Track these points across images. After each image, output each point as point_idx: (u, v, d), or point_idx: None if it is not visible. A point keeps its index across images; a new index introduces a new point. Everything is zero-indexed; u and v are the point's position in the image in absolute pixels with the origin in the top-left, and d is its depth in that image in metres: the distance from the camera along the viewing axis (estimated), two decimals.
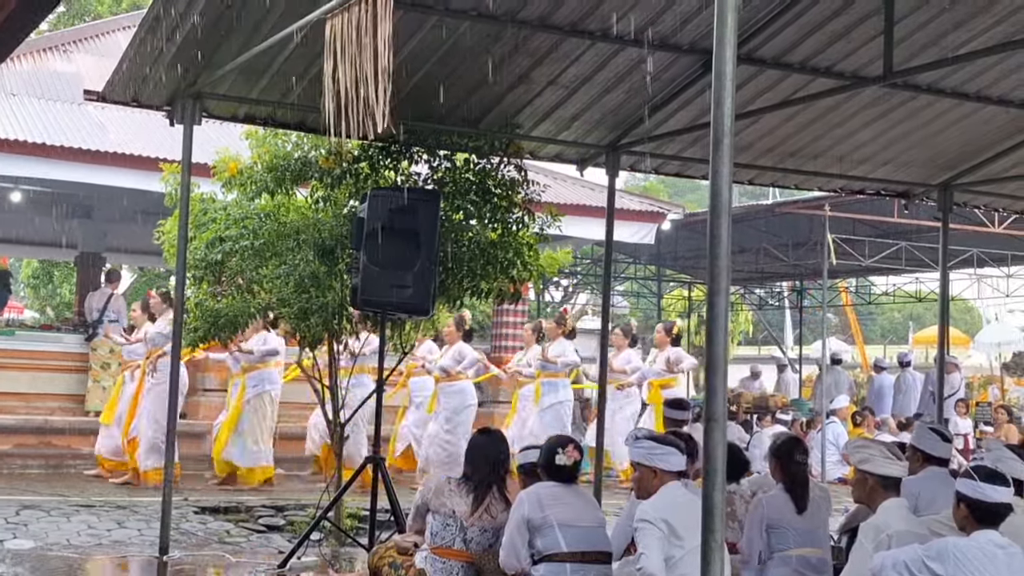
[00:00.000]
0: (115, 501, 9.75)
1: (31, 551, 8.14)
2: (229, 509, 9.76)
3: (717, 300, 3.81)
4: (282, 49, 7.38)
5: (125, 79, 8.07)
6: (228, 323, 8.67)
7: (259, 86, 8.18)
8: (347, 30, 5.75)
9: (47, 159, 13.10)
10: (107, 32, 18.10)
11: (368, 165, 8.54)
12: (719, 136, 3.78)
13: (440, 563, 6.02)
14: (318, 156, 8.63)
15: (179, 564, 7.95)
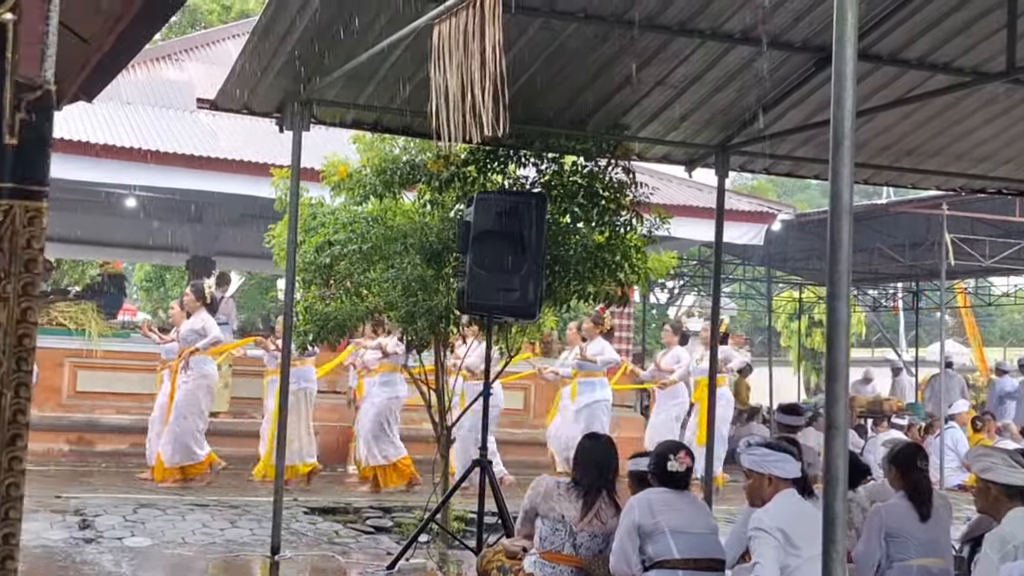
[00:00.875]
0: (228, 501, 9.91)
1: (148, 548, 8.31)
2: (337, 510, 9.84)
3: (838, 305, 3.71)
4: (389, 55, 7.43)
5: (236, 87, 8.20)
6: (337, 326, 8.75)
7: (366, 91, 8.25)
8: (454, 34, 5.74)
9: (161, 166, 13.40)
10: (217, 41, 18.46)
11: (475, 168, 8.54)
12: (839, 137, 3.68)
13: (549, 568, 5.97)
14: (426, 160, 8.66)
15: (291, 564, 8.03)
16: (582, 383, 12.18)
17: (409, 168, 8.69)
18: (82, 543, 8.26)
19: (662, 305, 26.38)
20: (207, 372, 11.33)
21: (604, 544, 5.89)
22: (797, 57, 7.87)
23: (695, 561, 5.52)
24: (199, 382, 11.22)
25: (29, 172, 2.49)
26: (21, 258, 2.50)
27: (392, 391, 11.48)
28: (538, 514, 6.10)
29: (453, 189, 8.60)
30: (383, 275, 8.53)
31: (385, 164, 8.74)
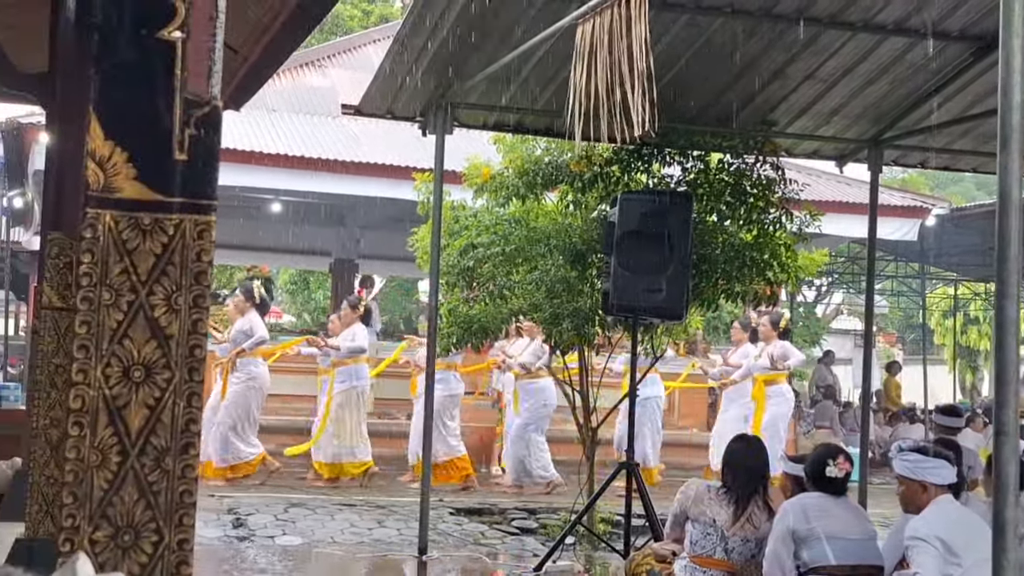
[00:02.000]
0: (375, 501, 10.05)
1: (299, 547, 8.47)
2: (483, 511, 9.89)
3: (1006, 304, 3.57)
4: (530, 56, 7.42)
5: (380, 92, 8.31)
6: (481, 328, 8.77)
7: (508, 93, 8.25)
8: (599, 33, 5.69)
9: (305, 171, 13.69)
10: (359, 46, 18.76)
11: (619, 168, 8.47)
12: (1007, 131, 3.53)
13: (700, 572, 5.89)
14: (568, 160, 8.62)
15: (438, 564, 8.10)
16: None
17: (551, 169, 8.66)
18: (236, 541, 8.48)
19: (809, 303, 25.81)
20: (255, 373, 11.34)
21: (757, 549, 5.77)
22: (954, 47, 7.58)
23: (852, 568, 5.37)
24: (248, 383, 11.26)
25: (198, 187, 2.53)
26: (191, 271, 2.54)
27: (447, 388, 11.34)
28: (688, 518, 6.01)
29: (596, 189, 8.54)
30: (527, 277, 8.53)
31: (527, 165, 8.73)
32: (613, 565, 7.97)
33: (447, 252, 8.87)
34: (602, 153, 8.38)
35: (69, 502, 2.45)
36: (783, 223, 8.48)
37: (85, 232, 2.46)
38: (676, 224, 7.59)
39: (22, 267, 20.60)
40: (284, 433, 12.54)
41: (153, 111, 2.48)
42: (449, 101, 8.15)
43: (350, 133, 14.86)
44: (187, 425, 2.49)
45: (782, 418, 12.02)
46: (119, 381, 2.46)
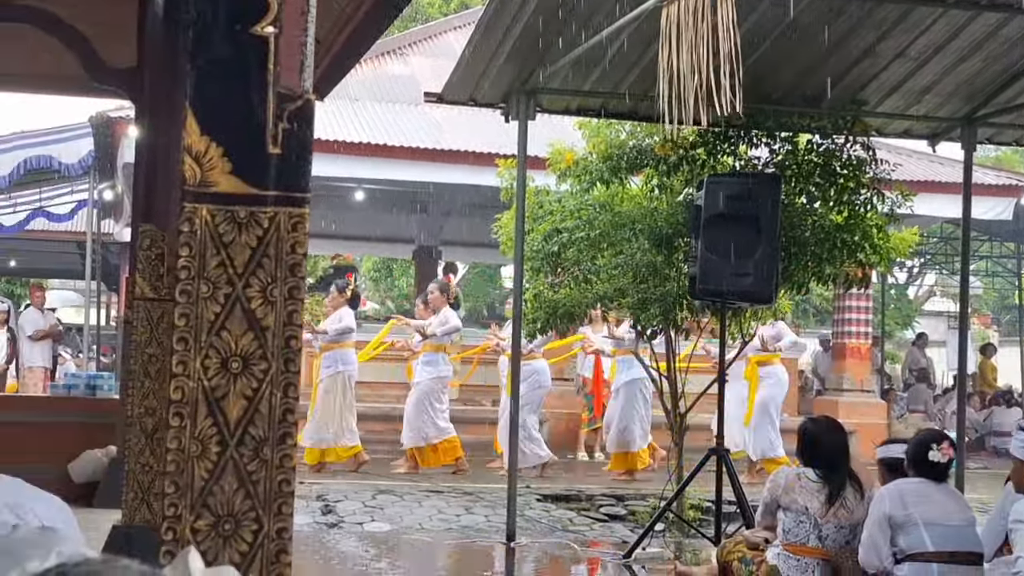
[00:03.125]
0: (462, 488, 10.09)
1: (388, 534, 8.54)
2: (570, 498, 9.87)
3: None
4: (614, 40, 7.36)
5: (462, 79, 8.31)
6: (566, 314, 8.76)
7: (591, 78, 8.21)
8: (684, 15, 5.62)
9: (388, 159, 13.77)
10: (439, 33, 18.81)
11: (704, 151, 8.37)
12: None
13: (794, 560, 5.81)
14: (653, 144, 8.55)
15: (527, 550, 8.11)
16: (621, 361, 11.68)
17: (636, 153, 8.60)
18: (326, 528, 8.58)
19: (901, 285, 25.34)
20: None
21: (851, 535, 5.69)
22: None
23: (951, 554, 5.26)
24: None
25: (292, 180, 2.55)
26: (286, 263, 2.56)
27: (435, 371, 11.28)
28: (780, 506, 5.94)
29: (681, 173, 8.46)
30: (612, 262, 8.49)
31: (611, 150, 8.68)
32: (704, 552, 7.90)
33: (531, 238, 8.85)
34: (687, 136, 8.30)
35: (171, 491, 2.48)
36: (874, 204, 8.32)
37: (183, 226, 2.48)
38: (764, 206, 7.48)
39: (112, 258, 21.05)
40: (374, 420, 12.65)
41: (247, 106, 2.50)
42: (532, 87, 8.13)
43: (432, 120, 14.91)
44: (284, 415, 2.52)
45: (773, 400, 11.83)
46: (217, 372, 2.49)
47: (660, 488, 8.60)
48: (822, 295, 13.04)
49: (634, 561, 7.73)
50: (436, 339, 11.40)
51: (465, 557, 8.11)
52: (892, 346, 23.71)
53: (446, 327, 11.39)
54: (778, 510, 5.96)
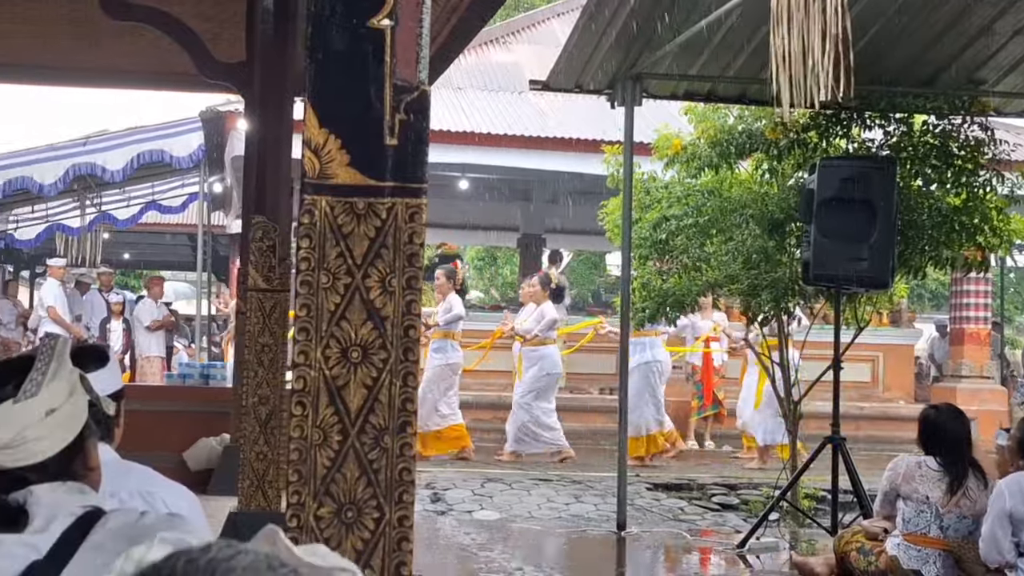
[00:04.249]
0: (571, 476, 10.08)
1: (496, 522, 8.57)
2: (681, 486, 9.80)
3: None
4: (723, 22, 7.27)
5: (567, 66, 8.29)
6: (675, 302, 8.68)
7: (699, 62, 8.13)
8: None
9: (492, 148, 13.82)
10: (542, 21, 18.79)
11: (816, 134, 8.23)
12: None
13: (915, 551, 5.71)
14: (762, 127, 8.42)
15: (638, 540, 8.07)
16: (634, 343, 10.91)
17: (745, 137, 8.47)
18: (435, 516, 8.65)
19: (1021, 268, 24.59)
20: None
21: (974, 525, 5.58)
22: None
23: None
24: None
25: (409, 170, 2.56)
26: (404, 253, 2.57)
27: (444, 358, 11.17)
28: (899, 495, 5.83)
29: (792, 156, 8.32)
30: (722, 248, 8.40)
31: (719, 135, 8.57)
32: (820, 542, 7.77)
33: (638, 225, 8.79)
34: (798, 119, 8.15)
35: (294, 479, 2.51)
36: (993, 185, 8.09)
37: (303, 218, 2.51)
38: (879, 190, 7.33)
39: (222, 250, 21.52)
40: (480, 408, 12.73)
41: (365, 98, 2.52)
42: (638, 72, 8.07)
43: (536, 108, 14.92)
44: (403, 404, 2.54)
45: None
46: (338, 362, 2.51)
47: (773, 477, 8.48)
48: (938, 279, 12.71)
49: (748, 551, 7.64)
50: (443, 327, 11.30)
51: (575, 546, 8.11)
52: (1012, 331, 23.05)
53: (449, 315, 11.33)
54: (897, 499, 5.86)
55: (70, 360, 1.98)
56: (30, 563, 1.78)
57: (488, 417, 12.60)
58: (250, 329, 6.09)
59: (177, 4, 7.63)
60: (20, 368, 1.92)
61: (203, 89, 9.91)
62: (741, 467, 11.00)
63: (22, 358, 2.00)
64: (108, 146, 13.75)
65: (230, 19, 8.11)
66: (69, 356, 1.98)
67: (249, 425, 6.02)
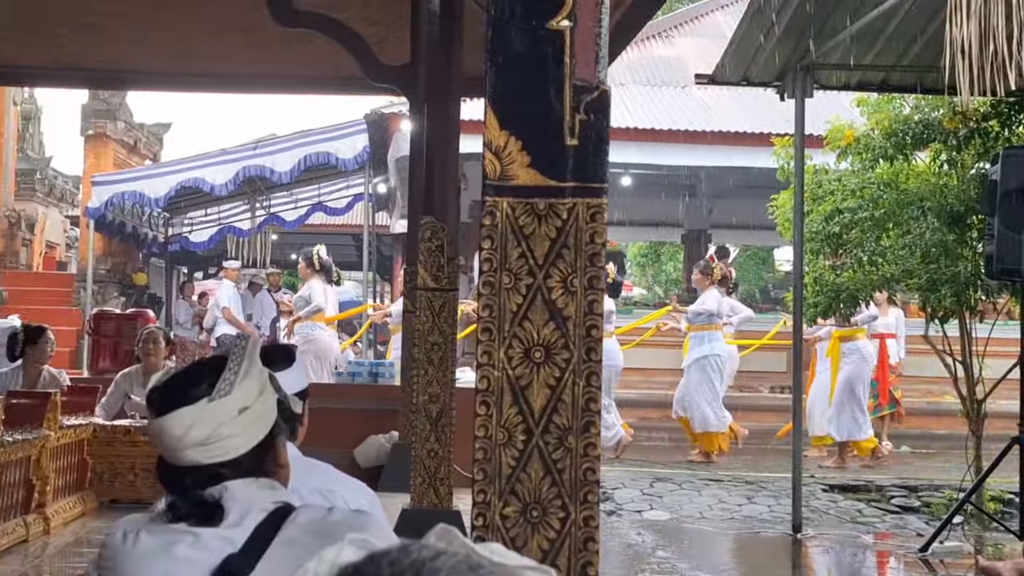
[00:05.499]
0: (743, 476, 9.92)
1: (667, 522, 8.49)
2: (859, 488, 9.53)
3: None
4: (897, 11, 7.05)
5: (734, 59, 8.17)
6: (849, 297, 8.46)
7: (872, 51, 7.91)
8: None
9: (655, 143, 13.72)
10: (705, 13, 18.58)
11: (998, 123, 7.91)
12: None
13: None
14: (940, 117, 8.13)
15: (815, 542, 7.88)
16: (694, 337, 11.28)
17: (922, 127, 8.20)
18: (604, 515, 8.62)
19: None
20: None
21: None
22: None
23: None
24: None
25: (590, 170, 2.56)
26: (585, 253, 2.57)
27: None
28: None
29: (972, 146, 8.02)
30: (898, 242, 8.15)
31: (895, 125, 8.32)
32: (1008, 547, 7.43)
33: (810, 219, 8.60)
34: (978, 108, 7.84)
35: (479, 478, 2.54)
36: None
37: (485, 219, 2.54)
38: None
39: (386, 249, 21.97)
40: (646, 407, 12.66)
41: (544, 99, 2.53)
42: (808, 63, 7.89)
43: (700, 102, 14.75)
44: (587, 404, 2.53)
45: (858, 378, 10.93)
46: (521, 362, 2.52)
47: (957, 479, 8.17)
48: None
49: (931, 555, 7.37)
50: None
51: (749, 548, 7.97)
52: None
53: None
54: None
55: (260, 360, 2.05)
56: (226, 556, 1.86)
57: (657, 416, 12.54)
58: (419, 328, 6.18)
59: (343, 10, 7.82)
60: (213, 368, 1.99)
61: (369, 92, 10.12)
62: (818, 466, 10.72)
63: (215, 358, 2.08)
64: (276, 149, 14.21)
65: (395, 22, 8.26)
66: (259, 356, 2.05)
67: (420, 423, 6.11)
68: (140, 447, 6.71)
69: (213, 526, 1.89)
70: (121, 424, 7.02)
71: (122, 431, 6.92)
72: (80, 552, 5.68)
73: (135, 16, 8.21)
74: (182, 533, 1.90)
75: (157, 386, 2.00)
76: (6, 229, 17.99)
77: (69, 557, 5.68)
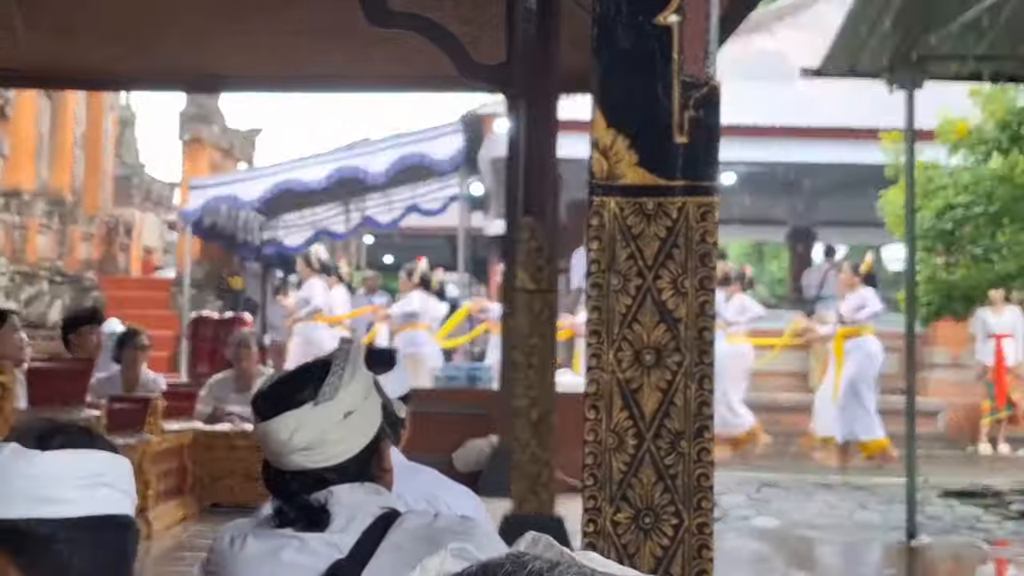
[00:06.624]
0: (853, 482, 9.69)
1: (776, 529, 8.32)
2: (975, 493, 9.23)
3: None
4: None
5: (841, 51, 8.03)
6: (963, 296, 8.23)
7: (985, 41, 7.65)
8: None
9: (758, 139, 13.51)
10: (808, 5, 18.18)
11: None
12: None
13: None
14: None
15: (930, 550, 7.65)
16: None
17: None
18: None
19: None
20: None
21: None
22: None
23: None
24: None
25: (700, 168, 2.52)
26: (696, 253, 2.52)
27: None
28: None
29: None
30: (1016, 238, 7.90)
31: (1010, 117, 8.09)
32: None
33: (921, 215, 8.39)
34: None
35: (590, 483, 2.49)
36: None
37: (591, 220, 2.49)
38: None
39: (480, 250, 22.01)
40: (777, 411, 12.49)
41: (652, 97, 2.48)
42: (918, 54, 7.69)
43: (805, 96, 14.45)
44: (700, 408, 2.47)
45: (862, 376, 10.62)
46: (631, 365, 2.48)
47: None
48: None
49: None
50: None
51: (862, 556, 7.79)
52: None
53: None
54: None
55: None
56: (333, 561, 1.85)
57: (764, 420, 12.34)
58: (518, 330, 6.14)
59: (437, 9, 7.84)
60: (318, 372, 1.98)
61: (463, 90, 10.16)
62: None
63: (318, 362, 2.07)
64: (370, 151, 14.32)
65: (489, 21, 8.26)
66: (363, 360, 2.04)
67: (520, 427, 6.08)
68: (239, 452, 6.78)
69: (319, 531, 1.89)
70: (220, 429, 7.10)
71: (221, 436, 7.00)
72: (182, 556, 5.74)
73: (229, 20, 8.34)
74: (289, 538, 1.90)
75: (262, 390, 2.00)
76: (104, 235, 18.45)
77: (172, 561, 5.75)
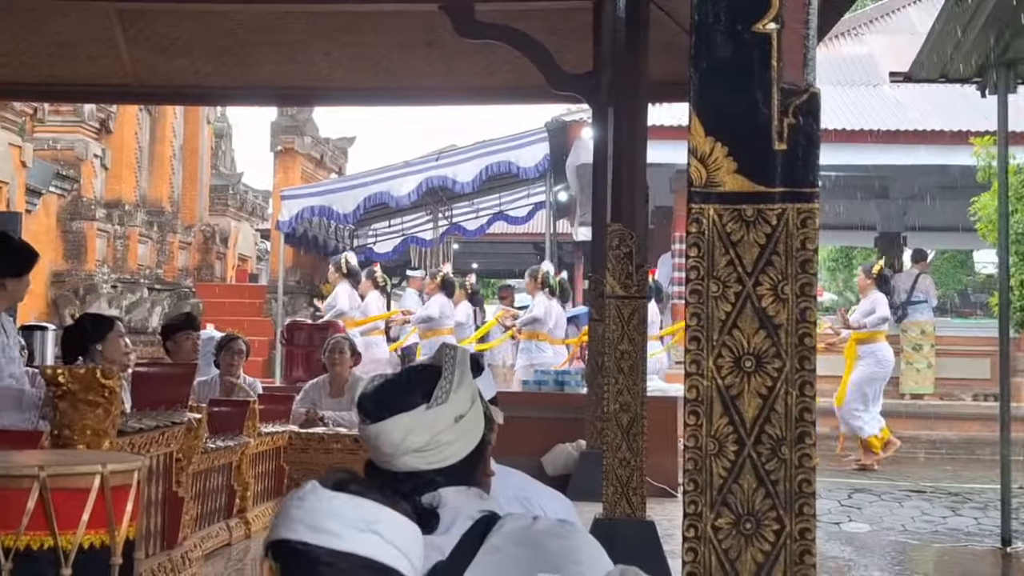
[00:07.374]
0: (946, 487, 9.55)
1: (867, 535, 8.23)
2: None
3: None
4: None
5: (931, 55, 7.91)
6: None
7: None
8: None
9: (847, 144, 13.34)
10: (897, 9, 17.96)
11: None
12: None
13: None
14: None
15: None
16: None
17: None
18: None
19: None
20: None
21: None
22: None
23: None
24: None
25: (799, 175, 2.54)
26: (796, 259, 2.54)
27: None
28: None
29: None
30: None
31: None
32: None
33: (1015, 219, 8.25)
34: None
35: (690, 489, 2.52)
36: None
37: (691, 227, 2.52)
38: None
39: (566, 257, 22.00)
40: None
41: (751, 104, 2.51)
42: (1012, 57, 7.55)
43: (893, 101, 14.30)
44: (801, 414, 2.49)
45: (869, 379, 10.69)
46: (731, 371, 2.50)
47: None
48: None
49: None
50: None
51: (955, 562, 7.64)
52: None
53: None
54: None
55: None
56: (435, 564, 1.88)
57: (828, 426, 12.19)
58: (608, 336, 6.15)
59: (525, 20, 7.90)
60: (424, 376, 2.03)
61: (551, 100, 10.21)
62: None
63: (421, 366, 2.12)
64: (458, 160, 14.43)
65: (576, 31, 8.30)
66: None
67: (611, 432, 6.08)
68: (333, 454, 6.91)
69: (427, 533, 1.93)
70: (315, 432, 7.24)
71: (316, 439, 7.14)
72: None
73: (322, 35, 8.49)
74: None
75: (367, 393, 2.04)
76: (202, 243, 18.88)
77: None
